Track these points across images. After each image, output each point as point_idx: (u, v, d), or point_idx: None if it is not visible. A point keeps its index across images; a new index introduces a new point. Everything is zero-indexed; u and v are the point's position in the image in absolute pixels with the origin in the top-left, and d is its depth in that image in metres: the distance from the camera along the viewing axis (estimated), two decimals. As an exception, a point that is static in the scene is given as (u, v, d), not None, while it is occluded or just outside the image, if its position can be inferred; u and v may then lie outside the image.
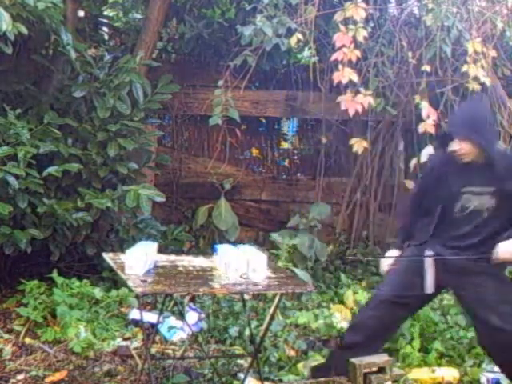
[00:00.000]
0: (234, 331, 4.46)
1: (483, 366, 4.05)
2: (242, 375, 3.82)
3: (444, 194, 3.46)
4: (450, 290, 3.97)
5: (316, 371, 3.68)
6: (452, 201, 3.44)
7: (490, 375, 3.90)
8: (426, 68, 5.33)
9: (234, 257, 3.30)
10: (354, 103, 5.11)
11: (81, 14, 5.81)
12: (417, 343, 4.19)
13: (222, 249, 3.43)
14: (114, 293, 4.84)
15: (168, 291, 3.12)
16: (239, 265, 3.24)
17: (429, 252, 3.45)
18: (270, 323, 3.71)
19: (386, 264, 3.62)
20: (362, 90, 5.18)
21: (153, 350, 4.24)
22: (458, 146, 3.34)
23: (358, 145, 5.43)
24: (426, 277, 3.44)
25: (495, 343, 3.43)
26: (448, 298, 4.85)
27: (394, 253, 3.60)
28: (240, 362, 4.10)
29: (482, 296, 3.40)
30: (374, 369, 3.09)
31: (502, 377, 3.75)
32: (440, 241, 3.46)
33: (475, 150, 3.34)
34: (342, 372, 3.31)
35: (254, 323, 4.39)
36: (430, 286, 3.45)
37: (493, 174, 3.34)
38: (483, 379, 3.92)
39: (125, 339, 4.41)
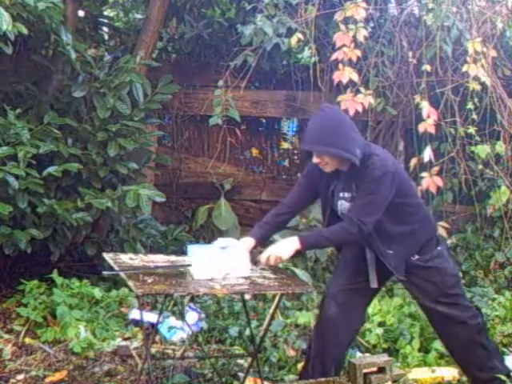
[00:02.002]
0: (233, 331, 4.46)
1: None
2: (242, 375, 3.82)
3: (326, 200, 3.50)
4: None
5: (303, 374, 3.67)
6: (333, 206, 3.47)
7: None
8: (427, 68, 5.33)
9: (210, 258, 3.24)
10: (354, 103, 5.12)
11: (81, 13, 5.81)
12: (417, 343, 4.19)
13: (194, 250, 3.34)
14: (113, 293, 4.84)
15: (168, 291, 3.12)
16: (222, 265, 3.21)
17: (369, 251, 3.46)
18: (269, 323, 3.72)
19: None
20: (362, 89, 5.18)
21: (153, 350, 4.24)
22: (318, 159, 3.35)
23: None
24: (370, 273, 3.47)
25: (447, 333, 3.54)
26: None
27: (248, 240, 3.50)
28: (240, 361, 4.10)
29: (417, 284, 3.48)
30: (374, 369, 3.09)
31: None
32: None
33: (335, 160, 3.33)
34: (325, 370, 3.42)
35: (254, 323, 4.39)
36: (373, 281, 3.47)
37: (355, 179, 3.34)
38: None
39: (125, 339, 4.41)
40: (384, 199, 3.29)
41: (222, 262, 3.22)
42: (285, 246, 3.33)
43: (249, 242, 3.45)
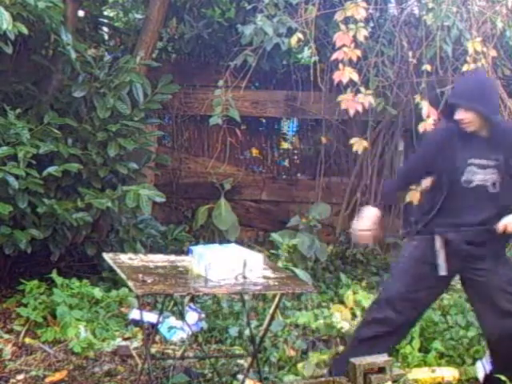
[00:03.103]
0: (234, 331, 4.46)
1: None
2: (241, 377, 3.82)
3: (448, 168, 3.41)
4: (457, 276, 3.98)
5: (336, 366, 3.65)
6: (457, 174, 3.38)
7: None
8: (427, 68, 5.33)
9: (225, 258, 3.25)
10: (354, 103, 5.11)
11: (81, 13, 5.81)
12: (417, 343, 4.19)
13: (198, 250, 3.36)
14: (113, 293, 4.84)
15: (168, 291, 3.12)
16: (235, 265, 3.22)
17: (437, 235, 3.40)
18: (269, 323, 3.71)
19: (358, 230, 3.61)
20: (362, 89, 5.18)
21: (153, 350, 4.24)
22: (463, 116, 3.33)
23: (358, 145, 5.43)
24: (439, 258, 3.39)
25: (503, 329, 3.43)
26: (448, 298, 4.85)
27: (372, 211, 3.59)
28: (240, 361, 4.10)
29: (491, 280, 3.39)
30: (374, 369, 3.09)
31: None
32: (447, 218, 3.41)
33: (479, 120, 3.33)
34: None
35: (253, 323, 4.39)
36: (443, 267, 3.40)
37: (496, 147, 3.33)
38: (478, 364, 3.92)
39: (125, 339, 4.41)
40: None
41: (235, 263, 3.23)
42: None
43: (373, 211, 3.57)
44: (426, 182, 3.67)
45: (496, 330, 3.48)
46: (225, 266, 3.20)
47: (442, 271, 3.41)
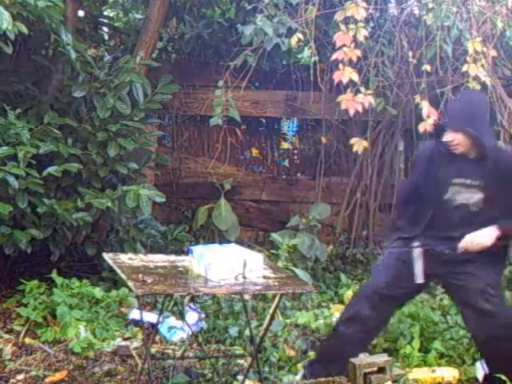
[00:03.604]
0: (234, 331, 4.46)
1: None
2: (241, 376, 3.82)
3: (434, 185, 3.47)
4: (438, 280, 4.03)
5: (310, 366, 3.70)
6: (441, 192, 3.45)
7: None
8: (427, 68, 5.33)
9: (225, 258, 3.25)
10: (354, 103, 5.11)
11: (81, 13, 5.81)
12: (417, 343, 4.19)
13: (199, 250, 3.36)
14: (113, 293, 4.84)
15: (168, 291, 3.12)
16: (235, 265, 3.22)
17: (416, 244, 3.47)
18: (270, 323, 3.71)
19: None
20: (362, 89, 5.18)
21: (153, 350, 4.24)
22: (452, 137, 3.36)
23: (358, 145, 5.43)
24: (415, 267, 3.46)
25: (486, 330, 3.48)
26: (448, 298, 4.85)
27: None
28: (240, 361, 4.10)
29: (470, 283, 3.45)
30: (374, 369, 3.09)
31: None
32: (431, 232, 3.48)
33: (468, 142, 3.35)
34: (337, 365, 3.36)
35: (254, 323, 4.39)
36: (419, 275, 3.47)
37: (482, 168, 3.35)
38: (478, 365, 3.93)
39: (125, 339, 4.41)
40: None
41: (235, 263, 3.23)
42: (485, 234, 3.36)
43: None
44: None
45: (480, 331, 3.54)
46: (225, 265, 3.20)
47: (419, 280, 3.48)
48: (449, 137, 3.37)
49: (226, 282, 3.15)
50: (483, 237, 3.37)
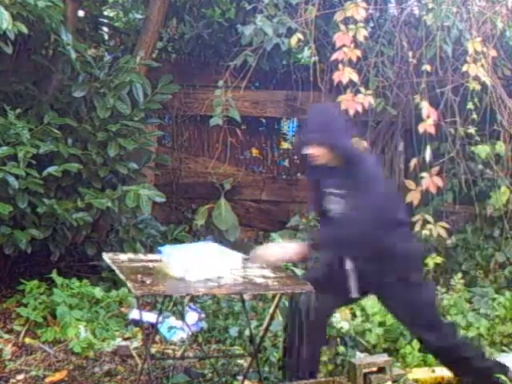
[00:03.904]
0: (234, 331, 4.46)
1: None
2: (241, 376, 3.82)
3: (315, 195, 3.52)
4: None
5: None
6: (321, 202, 3.47)
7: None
8: (427, 68, 5.32)
9: (205, 258, 3.21)
10: (354, 103, 5.11)
11: (81, 13, 5.81)
12: (417, 343, 4.18)
13: (169, 251, 3.30)
14: (113, 293, 4.84)
15: (167, 292, 3.11)
16: (211, 265, 3.18)
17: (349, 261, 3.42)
18: (269, 323, 3.71)
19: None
20: (362, 89, 5.18)
21: (153, 350, 4.24)
22: (310, 150, 3.35)
23: (358, 145, 5.42)
24: (350, 283, 3.41)
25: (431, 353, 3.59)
26: (448, 298, 4.85)
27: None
28: (240, 361, 4.10)
29: (394, 309, 3.48)
30: (374, 369, 3.10)
31: None
32: None
33: (327, 153, 3.33)
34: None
35: (253, 323, 4.39)
36: (354, 290, 3.42)
37: (344, 177, 3.32)
38: None
39: (125, 339, 4.41)
40: (379, 209, 3.25)
41: (214, 262, 3.20)
42: (273, 251, 3.31)
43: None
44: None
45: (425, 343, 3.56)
46: (204, 266, 3.16)
47: (354, 294, 3.42)
48: (307, 150, 3.36)
49: (225, 282, 3.15)
50: (270, 253, 3.31)
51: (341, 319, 4.67)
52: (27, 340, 4.33)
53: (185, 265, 3.14)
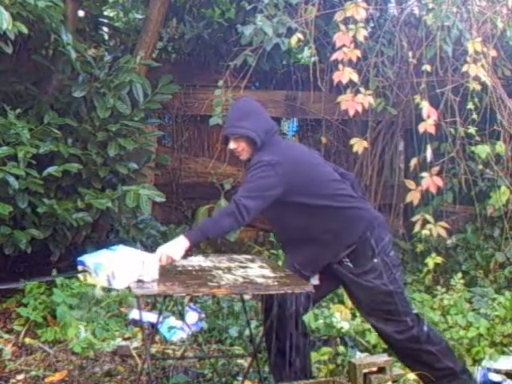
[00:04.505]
0: (234, 331, 4.46)
1: (482, 364, 4.05)
2: (241, 376, 3.82)
3: None
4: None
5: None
6: None
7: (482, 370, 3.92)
8: (427, 68, 5.33)
9: (125, 262, 3.14)
10: (353, 103, 5.11)
11: (81, 13, 5.80)
12: (417, 343, 4.18)
13: (92, 260, 3.16)
14: (113, 293, 4.84)
15: (167, 292, 3.11)
16: (135, 267, 3.13)
17: None
18: (269, 323, 3.71)
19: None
20: (362, 89, 5.18)
21: (153, 350, 4.24)
22: (234, 145, 3.37)
23: (358, 145, 5.43)
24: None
25: (389, 344, 3.56)
26: (448, 298, 4.85)
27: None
28: (240, 361, 4.10)
29: (352, 301, 3.52)
30: (374, 369, 3.09)
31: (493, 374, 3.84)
32: None
33: (247, 145, 3.35)
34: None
35: (253, 323, 4.39)
36: (315, 278, 3.45)
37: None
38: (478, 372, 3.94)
39: (125, 339, 4.42)
40: (264, 187, 3.23)
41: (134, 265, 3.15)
42: (174, 247, 3.21)
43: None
44: None
45: (391, 347, 3.59)
46: (127, 271, 3.10)
47: (314, 281, 3.43)
48: (231, 145, 3.37)
49: (225, 282, 3.15)
50: (172, 250, 3.20)
51: (341, 319, 4.67)
52: (27, 340, 4.34)
53: (109, 273, 3.06)
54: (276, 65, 6.36)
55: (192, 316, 4.67)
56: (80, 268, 3.16)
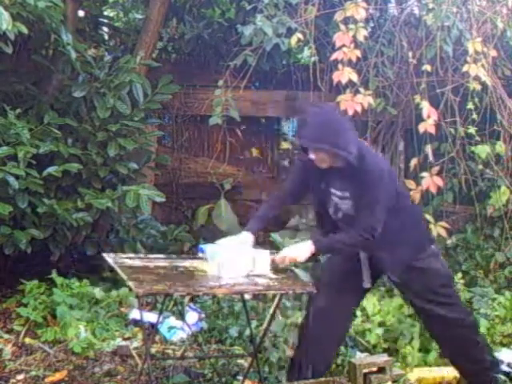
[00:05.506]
0: (234, 331, 4.46)
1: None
2: (241, 376, 3.82)
3: (318, 198, 3.52)
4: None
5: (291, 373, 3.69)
6: (326, 204, 3.49)
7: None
8: (427, 68, 5.32)
9: (237, 255, 3.27)
10: (353, 103, 5.11)
11: (81, 13, 5.80)
12: (417, 343, 4.19)
13: (211, 249, 3.37)
14: (114, 293, 4.84)
15: (168, 291, 3.12)
16: (245, 263, 3.24)
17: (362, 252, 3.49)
18: (269, 323, 3.71)
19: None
20: (361, 89, 5.18)
21: (153, 350, 4.24)
22: (314, 156, 3.35)
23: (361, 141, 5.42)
24: (363, 273, 3.50)
25: (442, 334, 3.57)
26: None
27: (247, 236, 3.48)
28: (240, 361, 4.10)
29: (411, 287, 3.51)
30: (374, 369, 3.10)
31: None
32: None
33: (331, 157, 3.34)
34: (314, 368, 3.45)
35: (254, 323, 4.39)
36: (367, 281, 3.51)
37: (349, 178, 3.35)
38: None
39: (125, 339, 4.41)
40: (387, 201, 3.33)
41: (244, 260, 3.27)
42: (301, 249, 3.36)
43: (248, 237, 3.45)
44: None
45: (429, 329, 3.66)
46: (238, 264, 3.23)
47: (366, 284, 3.52)
48: (312, 155, 3.36)
49: (226, 282, 3.15)
50: (296, 252, 3.35)
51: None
52: (27, 340, 4.33)
53: (220, 263, 3.22)
54: (276, 65, 6.35)
55: (192, 316, 4.67)
56: (200, 254, 3.43)
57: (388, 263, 3.44)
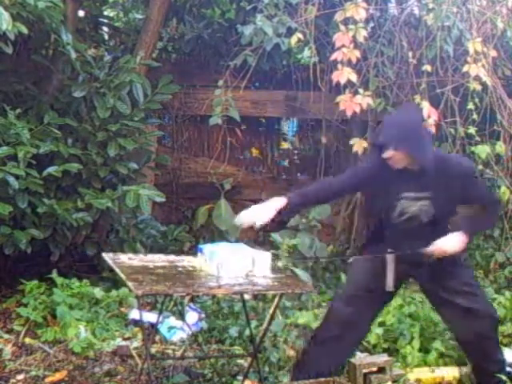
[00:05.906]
0: (234, 331, 4.46)
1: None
2: (241, 376, 3.82)
3: (382, 200, 3.52)
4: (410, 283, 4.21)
5: (296, 371, 3.69)
6: (390, 207, 3.48)
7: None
8: (427, 68, 5.32)
9: (236, 255, 3.29)
10: (352, 103, 5.11)
11: (81, 13, 5.81)
12: (417, 343, 4.19)
13: (209, 249, 3.39)
14: (114, 293, 4.84)
15: (168, 291, 3.12)
16: (243, 263, 3.25)
17: (389, 250, 3.51)
18: (269, 323, 3.71)
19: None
20: (360, 90, 5.18)
21: (153, 350, 4.24)
22: (392, 155, 3.35)
23: (358, 145, 5.43)
24: (387, 275, 3.50)
25: (464, 327, 3.54)
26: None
27: (279, 200, 3.51)
28: (240, 361, 4.10)
29: (443, 281, 3.50)
30: (374, 369, 3.10)
31: None
32: (386, 246, 3.55)
33: (408, 158, 3.36)
34: (321, 370, 3.41)
35: (253, 323, 4.39)
36: (389, 283, 3.51)
37: (427, 180, 3.37)
38: None
39: (125, 339, 4.41)
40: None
41: (244, 260, 3.28)
42: (451, 240, 3.43)
43: (279, 201, 3.45)
44: None
45: (457, 329, 3.64)
46: (236, 264, 3.24)
47: (389, 287, 3.52)
48: (388, 154, 3.37)
49: (226, 282, 3.15)
50: (451, 243, 3.43)
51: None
52: (27, 340, 4.33)
53: (219, 263, 3.24)
54: (276, 65, 6.36)
55: (192, 316, 4.67)
56: (199, 255, 3.45)
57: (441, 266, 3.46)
